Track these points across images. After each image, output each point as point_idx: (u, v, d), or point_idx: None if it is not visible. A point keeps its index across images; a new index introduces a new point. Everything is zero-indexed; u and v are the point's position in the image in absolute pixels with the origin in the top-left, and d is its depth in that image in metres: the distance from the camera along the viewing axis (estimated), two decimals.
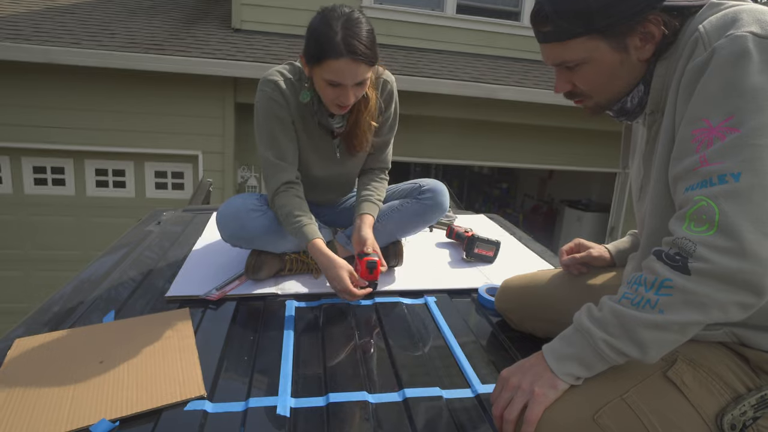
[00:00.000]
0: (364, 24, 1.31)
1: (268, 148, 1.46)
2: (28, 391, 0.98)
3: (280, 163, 1.46)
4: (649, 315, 0.71)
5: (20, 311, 4.16)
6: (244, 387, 1.03)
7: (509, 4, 5.08)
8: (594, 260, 1.19)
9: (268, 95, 1.42)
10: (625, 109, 0.91)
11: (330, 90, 1.33)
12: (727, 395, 0.77)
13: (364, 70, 1.31)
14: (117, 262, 1.67)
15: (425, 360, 1.17)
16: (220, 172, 4.32)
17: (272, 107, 1.43)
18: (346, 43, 1.26)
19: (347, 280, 1.32)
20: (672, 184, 0.79)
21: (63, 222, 4.30)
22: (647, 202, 0.91)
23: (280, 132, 1.45)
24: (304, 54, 1.35)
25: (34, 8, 4.46)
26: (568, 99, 0.94)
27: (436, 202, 1.61)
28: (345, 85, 1.32)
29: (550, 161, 5.31)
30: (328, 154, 1.57)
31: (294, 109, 1.46)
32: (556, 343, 0.81)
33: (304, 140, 1.52)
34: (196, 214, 2.28)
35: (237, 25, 4.55)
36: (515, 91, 4.36)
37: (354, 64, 1.28)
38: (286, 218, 1.42)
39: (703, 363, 0.79)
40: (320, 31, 1.29)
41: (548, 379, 0.77)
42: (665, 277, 0.71)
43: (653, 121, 0.89)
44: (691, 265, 0.68)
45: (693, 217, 0.70)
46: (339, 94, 1.34)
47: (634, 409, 0.75)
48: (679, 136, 0.77)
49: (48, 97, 3.93)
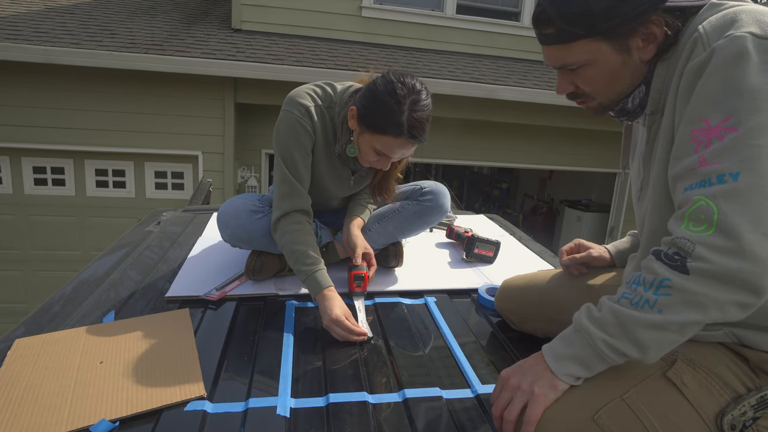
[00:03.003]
0: (428, 106, 1.29)
1: (287, 170, 1.39)
2: (28, 391, 0.98)
3: (298, 186, 1.39)
4: (648, 315, 0.71)
5: (20, 311, 4.17)
6: (244, 387, 1.03)
7: (509, 5, 5.08)
8: (594, 260, 1.18)
9: (297, 119, 1.36)
10: (626, 110, 0.91)
11: (374, 156, 1.34)
12: (726, 395, 0.76)
13: (413, 148, 1.33)
14: (117, 263, 1.67)
15: (425, 360, 1.18)
16: (220, 172, 4.32)
17: (299, 132, 1.37)
18: (410, 125, 1.25)
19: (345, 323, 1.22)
20: (671, 184, 0.79)
21: (63, 222, 4.31)
22: (647, 201, 0.91)
23: (300, 158, 1.39)
24: (360, 115, 1.30)
25: (34, 8, 4.46)
26: (570, 100, 0.94)
27: (437, 204, 1.62)
28: (390, 157, 1.34)
29: (550, 161, 5.31)
30: (342, 181, 1.55)
31: (320, 136, 1.41)
32: (556, 343, 0.81)
33: (323, 166, 1.47)
34: (196, 215, 2.28)
35: (237, 26, 4.55)
36: (515, 92, 4.36)
37: (410, 145, 1.30)
38: (296, 255, 1.33)
39: (702, 363, 0.79)
40: (387, 105, 1.25)
41: (548, 380, 0.77)
42: (664, 277, 0.71)
43: (653, 122, 0.89)
44: (690, 265, 0.68)
45: (692, 217, 0.70)
46: (381, 161, 1.36)
47: (634, 409, 0.75)
48: (678, 136, 0.77)
49: (48, 98, 3.93)
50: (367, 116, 1.29)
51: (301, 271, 1.32)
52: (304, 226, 1.38)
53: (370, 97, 1.29)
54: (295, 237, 1.35)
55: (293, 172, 1.39)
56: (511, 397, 0.79)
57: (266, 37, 4.49)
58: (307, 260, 1.32)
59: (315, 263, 1.32)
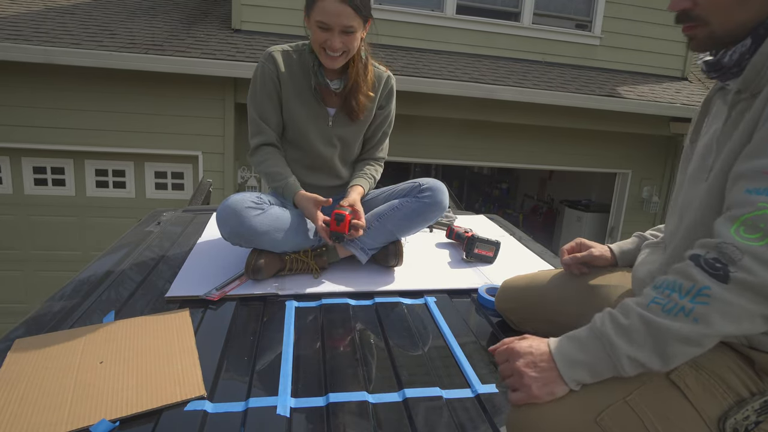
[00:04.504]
0: None
1: (253, 109, 1.62)
2: (28, 391, 0.98)
3: (262, 124, 1.61)
4: (682, 325, 0.68)
5: (20, 311, 4.17)
6: (244, 387, 1.04)
7: (509, 5, 5.08)
8: (595, 260, 1.17)
9: (259, 65, 1.59)
10: (722, 63, 0.82)
11: (319, 33, 1.44)
12: (730, 399, 0.75)
13: (349, 14, 1.40)
14: (117, 263, 1.67)
15: (425, 360, 1.18)
16: (220, 172, 4.32)
17: (260, 76, 1.59)
18: None
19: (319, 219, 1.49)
20: (732, 180, 0.74)
21: (63, 222, 4.31)
22: (702, 189, 0.84)
23: (262, 98, 1.60)
24: (304, 8, 1.47)
25: (33, 9, 4.46)
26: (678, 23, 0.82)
27: (436, 201, 1.62)
28: (332, 30, 1.42)
29: (550, 162, 5.31)
30: (320, 120, 1.66)
31: (286, 77, 1.59)
32: (569, 346, 0.77)
33: (297, 106, 1.61)
34: (196, 215, 2.28)
35: (237, 26, 4.55)
36: (515, 92, 4.36)
37: (341, 5, 1.38)
38: (270, 176, 1.59)
39: (706, 366, 0.77)
40: None
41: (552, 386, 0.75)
42: (704, 285, 0.67)
43: (738, 101, 0.80)
44: (733, 275, 0.65)
45: (747, 223, 0.66)
46: (326, 38, 1.44)
47: (637, 411, 0.73)
48: (762, 132, 0.71)
49: (48, 98, 3.93)
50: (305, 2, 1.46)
51: (277, 187, 1.58)
52: (273, 154, 1.63)
53: None
54: (268, 162, 1.61)
55: (259, 112, 1.62)
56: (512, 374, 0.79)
57: (266, 37, 4.49)
58: (279, 177, 1.58)
59: (286, 177, 1.58)
